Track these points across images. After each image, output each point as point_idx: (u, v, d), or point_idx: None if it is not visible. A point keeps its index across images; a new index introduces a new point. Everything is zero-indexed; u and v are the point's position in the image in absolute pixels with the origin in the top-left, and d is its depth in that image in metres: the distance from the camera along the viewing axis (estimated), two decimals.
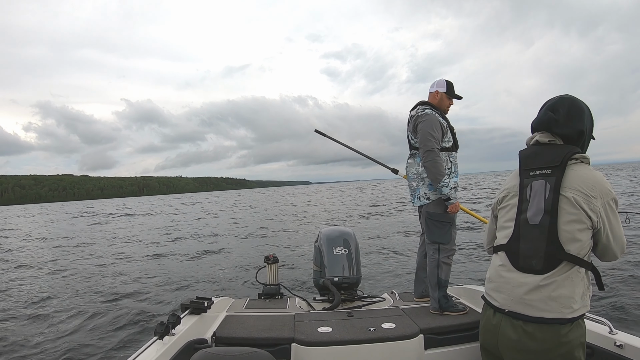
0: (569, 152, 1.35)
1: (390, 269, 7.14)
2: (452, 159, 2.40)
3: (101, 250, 11.64)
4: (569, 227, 1.29)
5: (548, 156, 1.38)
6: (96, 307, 5.51)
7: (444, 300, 2.31)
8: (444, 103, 2.46)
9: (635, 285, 4.99)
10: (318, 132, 3.33)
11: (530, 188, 1.39)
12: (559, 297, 1.27)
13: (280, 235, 12.90)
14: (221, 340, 2.01)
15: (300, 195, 56.92)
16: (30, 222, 29.51)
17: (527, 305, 1.31)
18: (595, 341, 1.67)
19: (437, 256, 2.36)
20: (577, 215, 1.29)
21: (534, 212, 1.35)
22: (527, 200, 1.39)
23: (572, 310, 1.27)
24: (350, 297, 2.75)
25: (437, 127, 2.31)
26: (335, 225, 3.21)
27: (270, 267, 3.13)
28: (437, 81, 2.47)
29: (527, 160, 1.44)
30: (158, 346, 1.66)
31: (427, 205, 2.39)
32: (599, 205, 1.29)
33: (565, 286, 1.28)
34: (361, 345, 1.92)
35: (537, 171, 1.39)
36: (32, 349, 4.08)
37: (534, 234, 1.34)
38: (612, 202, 1.31)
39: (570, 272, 1.29)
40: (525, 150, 1.49)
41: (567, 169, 1.34)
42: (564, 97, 1.45)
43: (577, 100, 1.44)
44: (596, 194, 1.29)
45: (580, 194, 1.29)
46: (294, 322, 2.18)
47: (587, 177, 1.32)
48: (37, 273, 8.54)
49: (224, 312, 2.40)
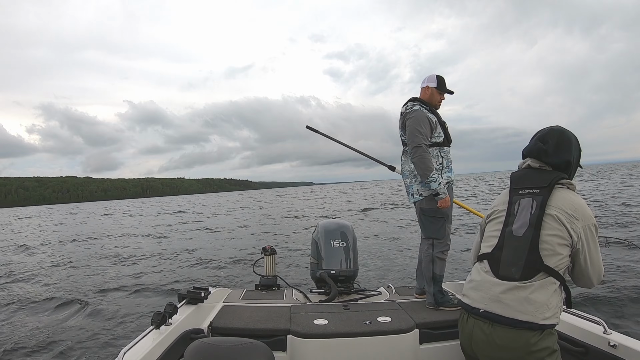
0: (557, 177, 1.46)
1: (387, 263, 7.16)
2: (444, 154, 2.39)
3: (103, 243, 11.70)
4: (550, 240, 1.37)
5: (537, 178, 1.50)
6: (93, 297, 5.56)
7: (440, 295, 2.32)
8: (434, 98, 2.45)
9: (630, 286, 4.99)
10: (310, 128, 3.31)
11: (518, 204, 1.49)
12: (534, 301, 1.32)
13: (277, 227, 12.93)
14: (217, 331, 2.01)
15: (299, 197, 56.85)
16: (26, 224, 29.62)
17: (503, 304, 1.36)
18: (589, 341, 1.67)
19: (432, 251, 2.37)
20: (560, 230, 1.38)
21: (520, 225, 1.45)
22: (514, 214, 1.49)
23: (545, 317, 1.31)
24: (347, 290, 2.76)
25: (424, 123, 2.31)
26: (333, 218, 3.22)
27: (267, 259, 3.14)
28: (428, 76, 2.47)
29: (518, 180, 1.56)
30: (154, 335, 1.67)
31: (421, 202, 2.39)
32: (579, 227, 1.38)
33: (541, 293, 1.34)
34: (357, 338, 1.93)
35: (526, 190, 1.50)
36: (27, 339, 4.11)
37: (516, 244, 1.43)
38: (592, 227, 1.40)
39: (545, 282, 1.35)
40: (516, 172, 1.61)
41: (553, 191, 1.44)
42: (554, 130, 1.56)
43: (565, 132, 1.55)
44: (578, 216, 1.39)
45: (564, 213, 1.39)
46: (290, 314, 2.19)
47: (572, 200, 1.42)
48: (39, 265, 8.61)
49: (221, 303, 2.41)
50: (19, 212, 59.24)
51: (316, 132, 3.26)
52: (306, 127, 3.35)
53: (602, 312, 4.13)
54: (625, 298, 4.56)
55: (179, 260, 8.30)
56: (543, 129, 1.59)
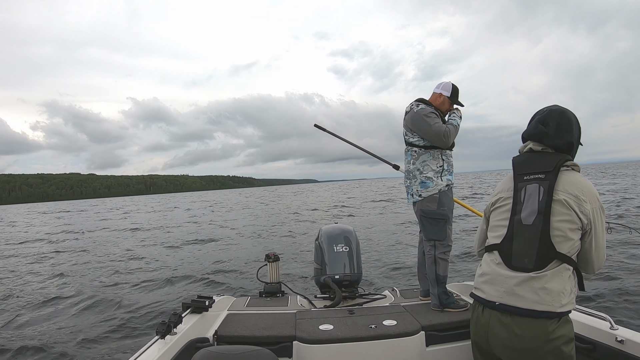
0: (561, 159, 1.42)
1: (391, 266, 7.14)
2: (445, 157, 2.38)
3: (104, 249, 11.73)
4: (560, 226, 1.35)
5: (541, 162, 1.46)
6: (97, 306, 5.56)
7: (444, 297, 2.31)
8: (444, 106, 2.46)
9: (636, 281, 4.97)
10: (317, 126, 3.36)
11: (524, 191, 1.45)
12: (550, 290, 1.31)
13: (281, 233, 12.93)
14: (223, 339, 2.01)
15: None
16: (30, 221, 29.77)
17: (519, 296, 1.34)
18: (597, 337, 1.67)
19: (434, 253, 2.36)
20: (569, 215, 1.35)
21: (528, 213, 1.41)
22: (521, 202, 1.45)
23: (561, 305, 1.30)
24: (352, 295, 2.76)
25: (432, 113, 2.31)
26: (335, 223, 3.22)
27: (271, 265, 3.13)
28: (444, 84, 2.46)
29: (521, 165, 1.51)
30: (160, 345, 1.67)
31: (420, 203, 2.39)
32: (588, 209, 1.35)
33: (556, 281, 1.32)
34: (363, 342, 1.93)
35: (531, 175, 1.46)
36: (31, 347, 4.13)
37: (527, 234, 1.39)
38: (599, 210, 1.38)
39: (559, 269, 1.34)
40: (518, 157, 1.56)
41: (559, 174, 1.41)
42: (554, 110, 1.51)
43: (566, 112, 1.50)
44: (587, 198, 1.36)
45: (572, 196, 1.36)
46: (295, 320, 2.19)
47: (579, 182, 1.39)
48: (37, 270, 8.64)
49: (225, 311, 2.41)
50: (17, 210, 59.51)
51: (324, 131, 3.31)
52: (314, 125, 3.41)
53: (607, 308, 4.12)
54: (631, 293, 4.55)
55: (181, 267, 8.29)
56: (542, 109, 1.54)
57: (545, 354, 1.29)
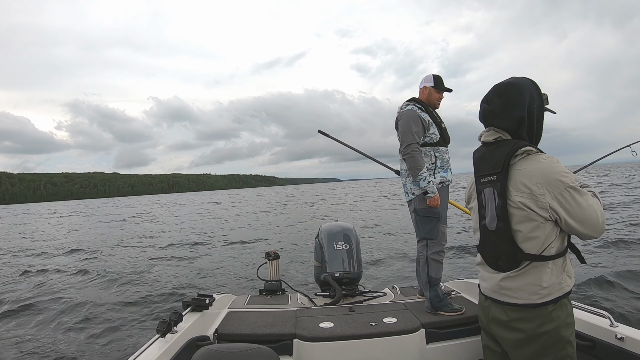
0: (511, 150, 1.30)
1: (392, 263, 7.16)
2: (438, 154, 2.36)
3: (107, 249, 11.74)
4: (522, 228, 1.30)
5: (492, 160, 1.36)
6: (97, 306, 5.56)
7: (436, 300, 2.24)
8: (432, 97, 2.45)
9: (636, 278, 4.97)
10: (321, 132, 3.32)
11: (483, 195, 1.41)
12: (525, 285, 1.32)
13: (281, 231, 12.93)
14: (223, 337, 2.02)
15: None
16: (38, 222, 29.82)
17: (502, 293, 1.38)
18: (596, 334, 1.67)
19: (426, 252, 2.32)
20: (527, 215, 1.28)
21: (490, 219, 1.39)
22: (483, 206, 1.42)
23: (541, 295, 1.30)
24: (352, 292, 2.76)
25: (416, 122, 2.30)
26: (335, 221, 3.22)
27: (271, 263, 3.13)
28: (425, 77, 2.48)
29: (477, 165, 1.45)
30: (160, 344, 1.67)
31: (413, 201, 2.37)
32: (548, 199, 1.25)
33: (531, 275, 1.31)
34: (363, 340, 1.93)
35: (485, 177, 1.40)
36: (31, 346, 4.14)
37: (493, 239, 1.39)
38: (565, 190, 1.24)
39: (534, 265, 1.31)
40: (476, 151, 1.47)
41: (510, 171, 1.30)
42: (500, 84, 1.36)
43: (513, 83, 1.34)
44: (543, 190, 1.25)
45: (526, 194, 1.27)
46: (295, 318, 2.19)
47: (531, 173, 1.27)
48: (36, 270, 8.64)
49: (226, 309, 2.42)
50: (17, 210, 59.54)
51: (327, 137, 3.29)
52: (318, 131, 3.37)
53: (608, 304, 4.12)
54: (631, 290, 4.55)
55: (181, 266, 8.30)
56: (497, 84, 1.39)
57: (541, 335, 1.30)
